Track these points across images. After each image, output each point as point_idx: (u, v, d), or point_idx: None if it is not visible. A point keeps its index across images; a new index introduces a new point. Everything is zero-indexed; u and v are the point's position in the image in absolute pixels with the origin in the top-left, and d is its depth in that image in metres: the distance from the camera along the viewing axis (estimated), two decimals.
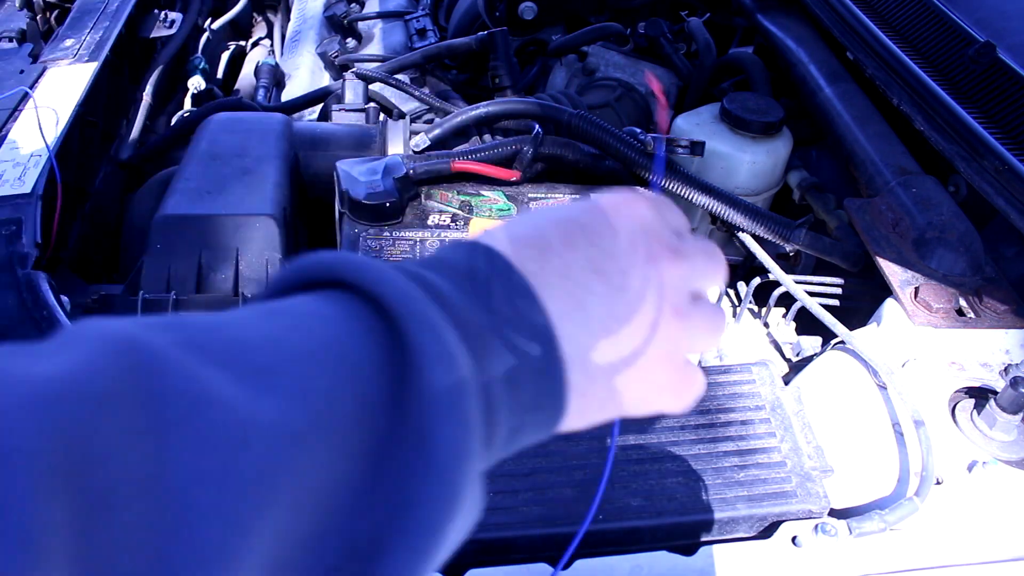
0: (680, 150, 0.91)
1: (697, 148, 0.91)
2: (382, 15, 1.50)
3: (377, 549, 0.29)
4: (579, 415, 0.36)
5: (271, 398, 0.27)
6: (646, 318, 0.37)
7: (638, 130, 0.98)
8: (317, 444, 0.28)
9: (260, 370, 0.28)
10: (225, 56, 1.62)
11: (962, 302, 0.81)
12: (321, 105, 1.26)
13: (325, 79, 1.49)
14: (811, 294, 0.85)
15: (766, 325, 0.90)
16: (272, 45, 1.77)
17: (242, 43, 1.74)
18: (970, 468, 0.67)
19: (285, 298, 0.34)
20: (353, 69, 1.24)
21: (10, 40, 1.16)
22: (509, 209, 0.89)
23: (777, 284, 0.87)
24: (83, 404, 0.23)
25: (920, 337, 0.78)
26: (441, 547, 0.30)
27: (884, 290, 0.84)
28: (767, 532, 0.63)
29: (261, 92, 1.42)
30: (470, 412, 0.31)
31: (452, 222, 0.87)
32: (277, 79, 1.47)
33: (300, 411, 0.28)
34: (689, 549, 0.60)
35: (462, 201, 0.89)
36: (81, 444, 0.22)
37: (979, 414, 0.70)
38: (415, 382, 0.30)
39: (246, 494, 0.25)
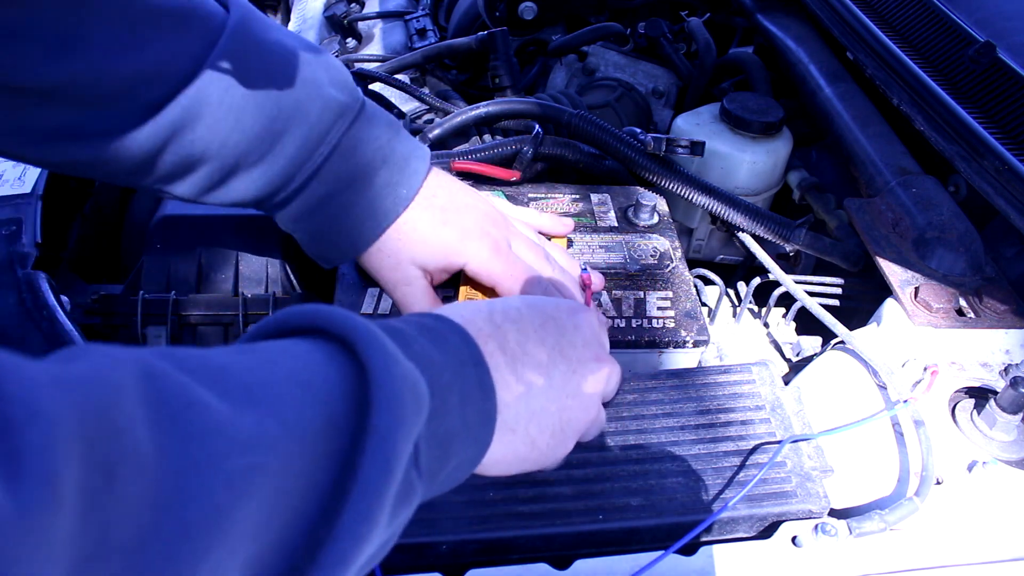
0: (680, 150, 0.91)
1: (697, 148, 0.91)
2: (382, 15, 1.50)
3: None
4: (503, 448, 0.47)
5: (249, 411, 0.31)
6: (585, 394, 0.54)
7: (638, 130, 0.98)
8: (290, 448, 0.32)
9: (239, 390, 0.32)
10: None
11: (962, 302, 0.81)
12: None
13: None
14: (811, 294, 0.85)
15: (766, 325, 0.90)
16: None
17: None
18: (970, 468, 0.67)
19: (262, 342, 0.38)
20: (353, 69, 1.24)
21: None
22: None
23: (777, 284, 0.87)
24: (101, 388, 0.26)
25: (920, 337, 0.78)
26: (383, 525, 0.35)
27: (884, 290, 0.84)
28: (767, 532, 0.63)
29: None
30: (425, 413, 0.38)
31: None
32: None
33: (274, 422, 0.31)
34: (689, 549, 0.60)
35: None
36: (96, 420, 0.25)
37: (979, 414, 0.70)
38: (373, 396, 0.34)
39: (230, 485, 0.29)
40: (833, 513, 0.64)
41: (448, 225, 0.68)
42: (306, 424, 0.33)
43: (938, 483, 0.66)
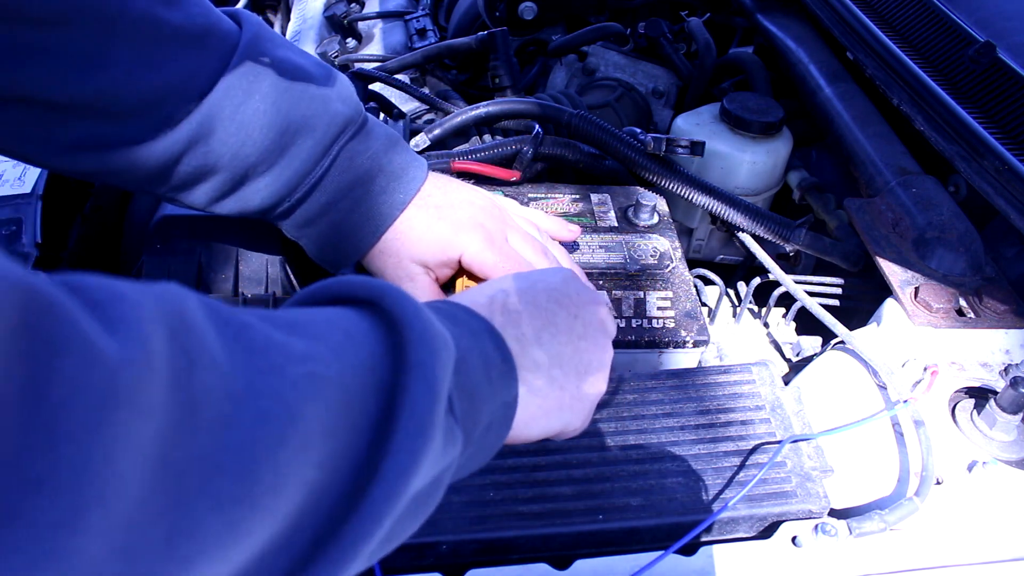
0: (680, 150, 0.91)
1: (697, 148, 0.91)
2: (382, 15, 1.50)
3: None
4: (536, 402, 0.49)
5: (299, 339, 0.33)
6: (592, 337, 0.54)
7: (638, 130, 0.98)
8: (342, 370, 0.34)
9: (285, 326, 0.34)
10: None
11: (962, 302, 0.81)
12: None
13: None
14: (811, 294, 0.85)
15: (766, 325, 0.90)
16: None
17: None
18: (970, 468, 0.67)
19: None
20: (353, 69, 1.24)
21: None
22: None
23: (777, 284, 0.87)
24: (172, 297, 0.28)
25: (920, 337, 0.78)
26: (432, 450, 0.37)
27: (884, 290, 0.84)
28: (767, 532, 0.63)
29: None
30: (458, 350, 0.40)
31: None
32: None
33: (323, 348, 0.34)
34: (689, 549, 0.60)
35: None
36: (173, 315, 0.27)
37: (979, 414, 0.70)
38: (407, 338, 0.37)
39: (295, 387, 0.31)
40: (833, 513, 0.64)
41: (442, 220, 0.71)
42: (351, 355, 0.35)
43: (938, 483, 0.66)
